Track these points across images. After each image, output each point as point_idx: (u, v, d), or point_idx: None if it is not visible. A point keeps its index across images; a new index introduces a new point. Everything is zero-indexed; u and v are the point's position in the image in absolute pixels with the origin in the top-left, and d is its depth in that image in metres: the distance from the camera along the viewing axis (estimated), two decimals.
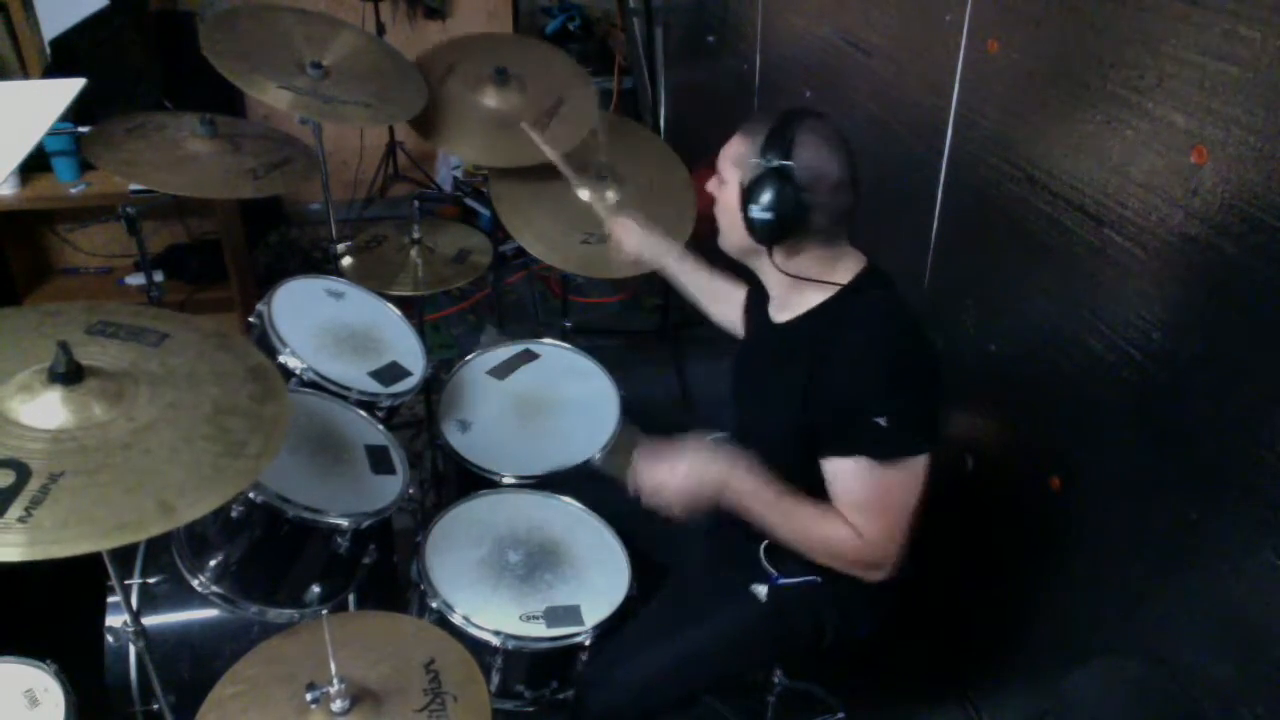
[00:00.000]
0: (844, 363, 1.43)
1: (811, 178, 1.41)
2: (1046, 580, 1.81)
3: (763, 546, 1.59)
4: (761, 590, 1.59)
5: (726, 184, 1.50)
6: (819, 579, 1.58)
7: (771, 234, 1.44)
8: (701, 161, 2.91)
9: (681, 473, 1.49)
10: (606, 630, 1.62)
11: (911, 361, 1.46)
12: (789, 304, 1.55)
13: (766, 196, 1.40)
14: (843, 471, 1.45)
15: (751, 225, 1.44)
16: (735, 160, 1.48)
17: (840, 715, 1.95)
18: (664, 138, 3.79)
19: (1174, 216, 1.40)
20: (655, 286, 3.53)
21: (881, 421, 1.39)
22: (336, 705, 1.26)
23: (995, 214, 1.83)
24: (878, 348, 1.44)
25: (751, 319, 1.69)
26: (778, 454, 1.57)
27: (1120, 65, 1.48)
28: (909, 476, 1.43)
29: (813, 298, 1.51)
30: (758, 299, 1.62)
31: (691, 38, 3.84)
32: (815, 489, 1.50)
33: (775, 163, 1.41)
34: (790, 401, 1.49)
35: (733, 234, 1.53)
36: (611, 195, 2.37)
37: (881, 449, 1.41)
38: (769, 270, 1.54)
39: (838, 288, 1.50)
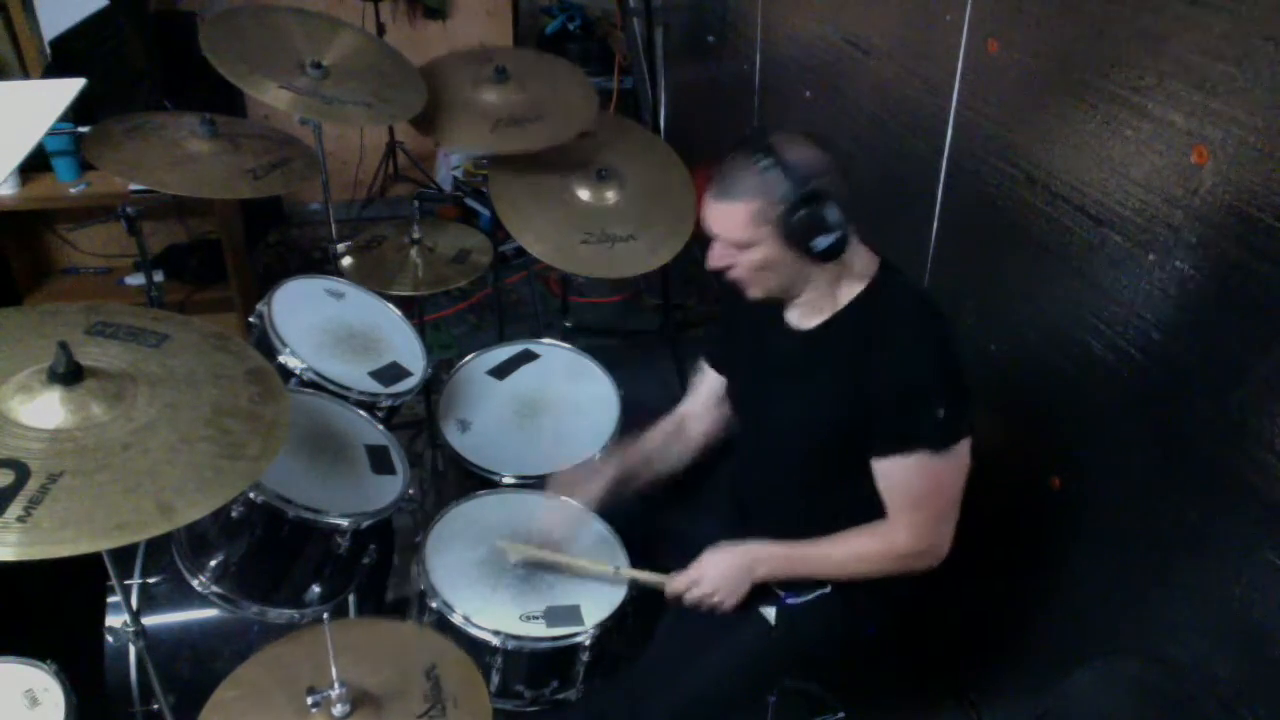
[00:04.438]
0: (895, 358, 1.44)
1: (826, 179, 1.40)
2: (1046, 580, 1.81)
3: None
4: (770, 612, 1.60)
5: (755, 245, 1.45)
6: (828, 590, 1.59)
7: (842, 246, 1.42)
8: (701, 161, 2.91)
9: (709, 583, 1.55)
10: (606, 630, 1.62)
11: (952, 349, 1.47)
12: (820, 307, 1.53)
13: (824, 220, 1.38)
14: (900, 469, 1.46)
15: (821, 255, 1.41)
16: (752, 221, 1.42)
17: (840, 715, 1.95)
18: (664, 138, 3.79)
19: (1174, 216, 1.40)
20: (655, 286, 3.53)
21: (940, 411, 1.41)
22: (337, 710, 1.27)
23: (995, 214, 1.83)
24: (925, 338, 1.45)
25: (752, 341, 1.67)
26: (802, 467, 1.58)
27: (1120, 65, 1.48)
28: (960, 461, 1.46)
29: (845, 295, 1.51)
30: (756, 318, 1.59)
31: (691, 38, 3.85)
32: (835, 501, 1.51)
33: (801, 191, 1.38)
34: (826, 407, 1.49)
35: (779, 281, 1.50)
36: (611, 195, 2.37)
37: (940, 439, 1.43)
38: (813, 282, 1.51)
39: (868, 281, 1.50)
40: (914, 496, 1.47)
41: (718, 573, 1.56)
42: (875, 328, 1.47)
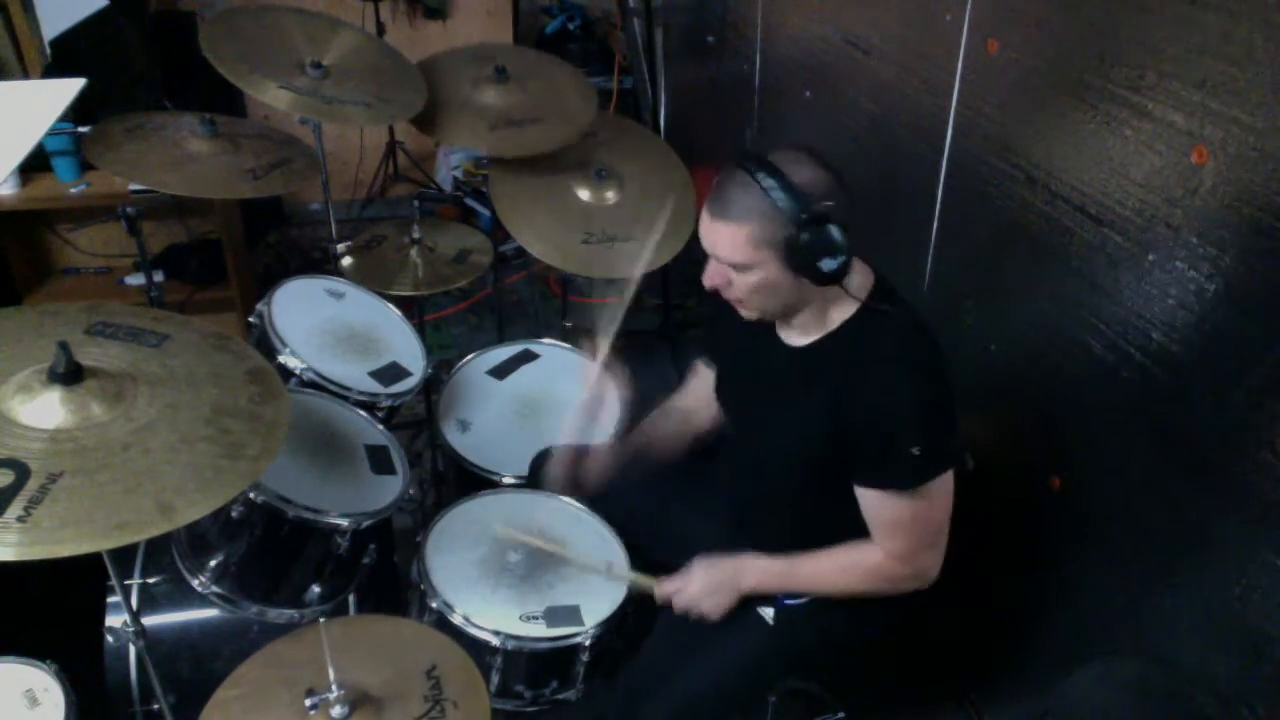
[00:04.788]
0: (875, 391, 1.41)
1: (831, 197, 1.36)
2: (1046, 580, 1.81)
3: None
4: (768, 612, 1.60)
5: (753, 268, 1.40)
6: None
7: (847, 269, 1.38)
8: (701, 161, 2.91)
9: (696, 589, 1.57)
10: (606, 630, 1.62)
11: (937, 385, 1.44)
12: (810, 327, 1.50)
13: (830, 243, 1.34)
14: (876, 500, 1.46)
15: (826, 277, 1.36)
16: (752, 243, 1.38)
17: (840, 716, 1.95)
18: (664, 138, 3.78)
19: (1174, 216, 1.40)
20: (655, 286, 3.53)
21: (915, 451, 1.39)
22: (336, 711, 1.27)
23: (995, 214, 1.83)
24: (908, 376, 1.42)
25: (744, 349, 1.64)
26: (793, 479, 1.57)
27: (1120, 65, 1.48)
28: (941, 494, 1.45)
29: (836, 317, 1.48)
30: (749, 327, 1.54)
31: (691, 38, 3.84)
32: (828, 511, 1.51)
33: (805, 213, 1.33)
34: (814, 425, 1.47)
35: (776, 303, 1.47)
36: (611, 195, 2.37)
37: (914, 479, 1.42)
38: (811, 304, 1.48)
39: (859, 304, 1.46)
40: (891, 527, 1.47)
41: (705, 582, 1.57)
42: (859, 356, 1.44)
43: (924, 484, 1.42)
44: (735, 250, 1.40)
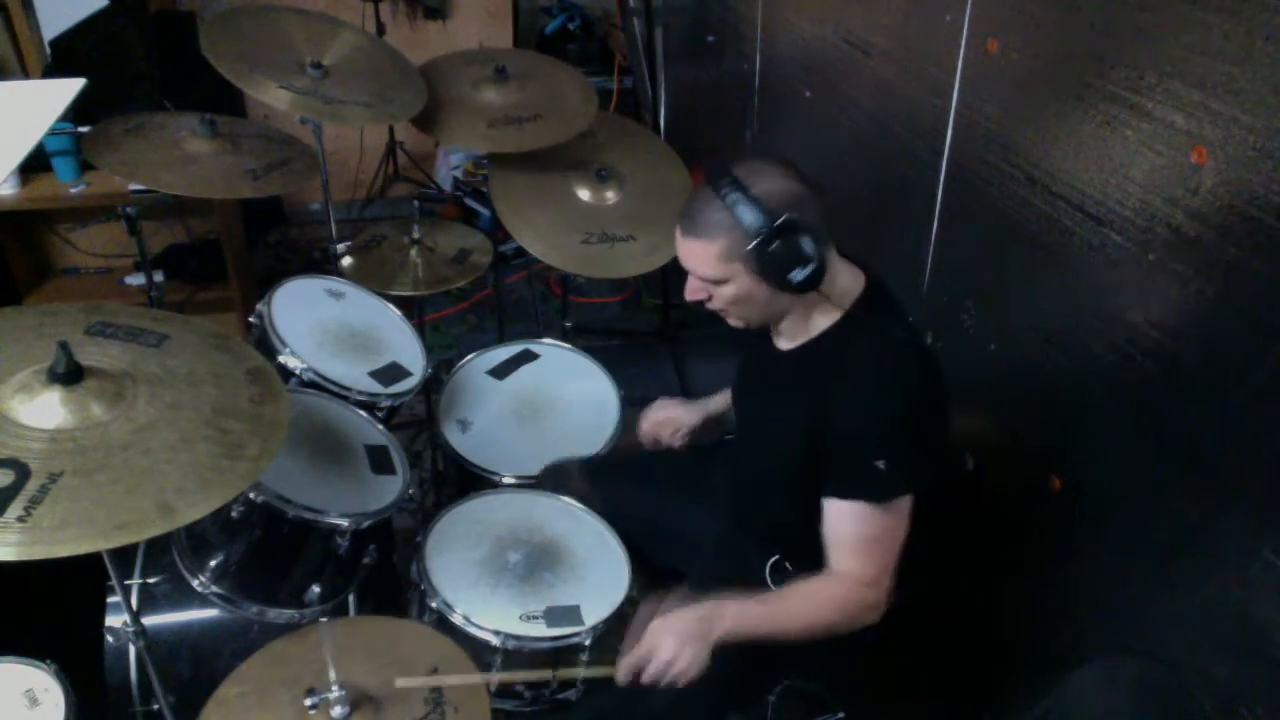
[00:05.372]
0: (850, 402, 1.41)
1: (797, 207, 1.36)
2: (1046, 580, 1.81)
3: (769, 565, 1.59)
4: None
5: (727, 282, 1.43)
6: None
7: (819, 277, 1.38)
8: (701, 162, 2.91)
9: (667, 651, 1.42)
10: (607, 630, 1.62)
11: (910, 401, 1.43)
12: (795, 332, 1.51)
13: (797, 253, 1.35)
14: (841, 513, 1.45)
15: (797, 287, 1.37)
16: (720, 258, 1.40)
17: (840, 715, 1.95)
18: (664, 138, 3.79)
19: (1174, 216, 1.40)
20: (655, 286, 3.53)
21: (880, 465, 1.39)
22: (336, 711, 1.27)
23: (995, 214, 1.82)
24: (884, 390, 1.41)
25: (750, 348, 1.66)
26: (778, 484, 1.57)
27: (1120, 65, 1.48)
28: (900, 515, 1.44)
29: (819, 322, 1.48)
30: (745, 329, 1.55)
31: (691, 38, 3.85)
32: (806, 518, 1.50)
33: (770, 225, 1.34)
34: (794, 432, 1.47)
35: (758, 313, 1.48)
36: (611, 195, 2.37)
37: (877, 492, 1.41)
38: (795, 310, 1.48)
39: (846, 308, 1.46)
40: (852, 542, 1.45)
41: (675, 639, 1.41)
42: (837, 366, 1.44)
43: (888, 499, 1.41)
44: (707, 266, 1.42)
